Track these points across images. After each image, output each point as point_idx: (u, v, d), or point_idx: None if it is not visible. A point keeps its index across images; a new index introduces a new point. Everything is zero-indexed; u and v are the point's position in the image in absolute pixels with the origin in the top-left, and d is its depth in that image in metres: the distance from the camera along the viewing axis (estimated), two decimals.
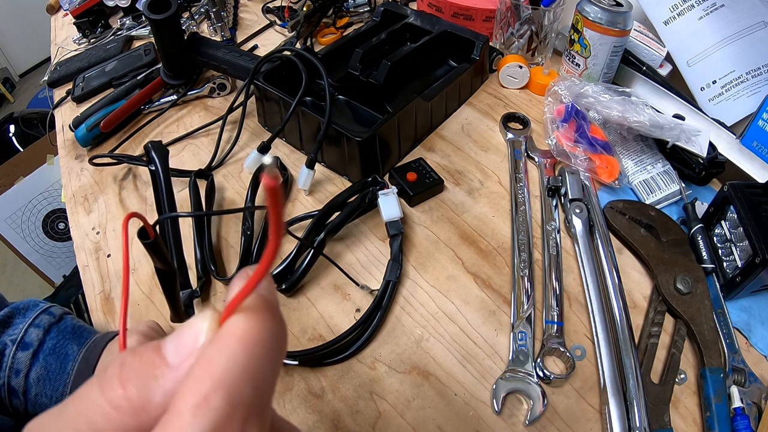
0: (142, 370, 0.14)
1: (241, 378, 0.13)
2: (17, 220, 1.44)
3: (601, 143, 0.58)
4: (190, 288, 0.48)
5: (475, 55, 0.68)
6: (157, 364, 0.14)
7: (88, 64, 0.84)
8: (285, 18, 0.85)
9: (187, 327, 0.15)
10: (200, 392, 0.13)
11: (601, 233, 0.52)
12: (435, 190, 0.57)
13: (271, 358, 0.14)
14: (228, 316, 0.14)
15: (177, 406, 0.13)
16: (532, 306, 0.47)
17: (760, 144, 0.55)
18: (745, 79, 0.62)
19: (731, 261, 0.48)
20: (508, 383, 0.42)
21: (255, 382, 0.13)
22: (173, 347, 0.14)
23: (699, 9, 0.63)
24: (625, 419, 0.39)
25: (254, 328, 0.14)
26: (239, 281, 0.15)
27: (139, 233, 0.25)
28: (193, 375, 0.13)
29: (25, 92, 2.64)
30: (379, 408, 0.42)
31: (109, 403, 0.14)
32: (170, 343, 0.14)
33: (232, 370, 0.13)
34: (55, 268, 1.58)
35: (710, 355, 0.43)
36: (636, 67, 0.66)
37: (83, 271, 0.54)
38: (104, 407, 0.14)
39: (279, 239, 0.13)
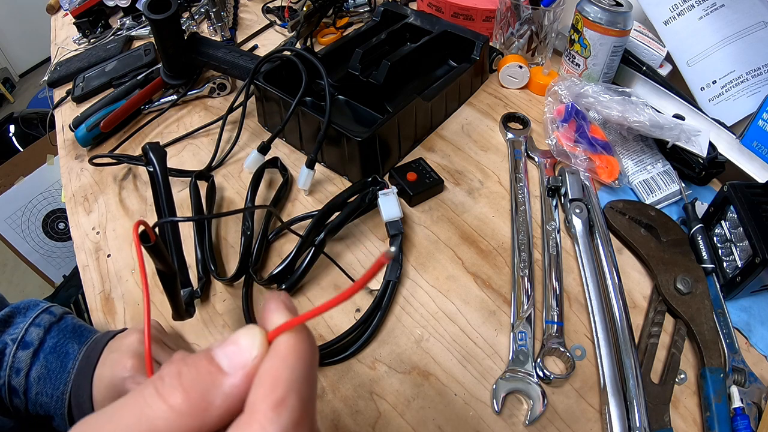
0: (200, 378, 0.16)
1: (305, 383, 0.16)
2: (17, 220, 1.44)
3: (601, 143, 0.58)
4: (190, 286, 0.48)
5: (475, 55, 0.68)
6: (215, 372, 0.16)
7: (88, 64, 0.84)
8: (285, 18, 0.85)
9: (234, 342, 0.17)
10: (277, 395, 0.15)
11: (601, 233, 0.52)
12: (435, 190, 0.57)
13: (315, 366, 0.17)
14: (276, 335, 0.17)
15: (256, 407, 0.15)
16: (532, 306, 0.47)
17: (760, 144, 0.55)
18: (745, 79, 0.62)
19: (731, 261, 0.48)
20: (508, 383, 0.42)
21: (312, 386, 0.16)
22: (226, 358, 0.17)
23: (699, 9, 0.63)
24: (625, 419, 0.39)
25: (303, 343, 0.17)
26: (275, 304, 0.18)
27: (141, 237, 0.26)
28: (264, 383, 0.16)
29: (25, 92, 2.64)
30: (379, 408, 0.42)
31: (171, 409, 0.15)
32: (222, 355, 0.17)
33: (298, 377, 0.16)
34: (55, 268, 1.58)
35: (710, 355, 0.43)
36: (636, 67, 0.66)
37: (83, 271, 0.54)
38: (166, 412, 0.15)
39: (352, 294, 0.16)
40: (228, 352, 0.17)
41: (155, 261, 0.32)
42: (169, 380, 0.16)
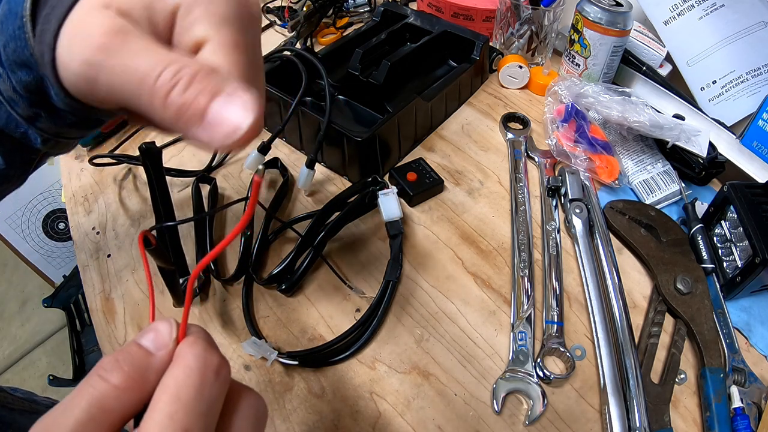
0: (134, 359, 0.19)
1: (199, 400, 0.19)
2: (17, 220, 1.44)
3: (601, 143, 0.58)
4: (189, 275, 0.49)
5: (475, 55, 0.68)
6: (144, 353, 0.20)
7: None
8: (285, 18, 0.85)
9: (154, 329, 0.20)
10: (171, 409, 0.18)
11: (601, 233, 0.52)
12: (435, 190, 0.57)
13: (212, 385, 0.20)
14: (184, 322, 0.20)
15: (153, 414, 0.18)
16: (532, 306, 0.47)
17: (760, 144, 0.55)
18: (745, 79, 0.62)
19: (731, 261, 0.48)
20: (508, 383, 0.42)
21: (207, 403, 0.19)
22: (150, 342, 0.20)
23: (699, 9, 0.63)
24: (625, 419, 0.39)
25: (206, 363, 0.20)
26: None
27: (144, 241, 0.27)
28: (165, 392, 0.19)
29: None
30: (379, 408, 0.42)
31: (116, 387, 0.18)
32: (147, 340, 0.20)
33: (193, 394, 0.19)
34: (55, 268, 1.58)
35: (710, 355, 0.43)
36: (636, 67, 0.66)
37: (83, 271, 0.54)
38: (112, 390, 0.18)
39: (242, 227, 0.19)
40: (150, 337, 0.20)
41: (156, 260, 0.35)
42: (109, 366, 0.19)
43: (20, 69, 0.27)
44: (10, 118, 0.29)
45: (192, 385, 0.19)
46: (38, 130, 0.29)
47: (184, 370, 0.19)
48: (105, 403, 0.18)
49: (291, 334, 0.47)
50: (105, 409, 0.18)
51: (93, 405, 0.18)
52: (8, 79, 0.27)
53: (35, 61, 0.25)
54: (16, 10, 0.25)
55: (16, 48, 0.26)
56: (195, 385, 0.19)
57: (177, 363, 0.20)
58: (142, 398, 0.19)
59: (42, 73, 0.25)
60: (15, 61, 0.26)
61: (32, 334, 1.66)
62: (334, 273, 0.49)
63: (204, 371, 0.20)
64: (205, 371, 0.20)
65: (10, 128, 0.29)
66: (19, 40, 0.25)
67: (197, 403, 0.19)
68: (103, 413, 0.18)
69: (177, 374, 0.19)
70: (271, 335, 0.46)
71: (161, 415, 0.18)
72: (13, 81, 0.27)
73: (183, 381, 0.19)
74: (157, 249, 0.32)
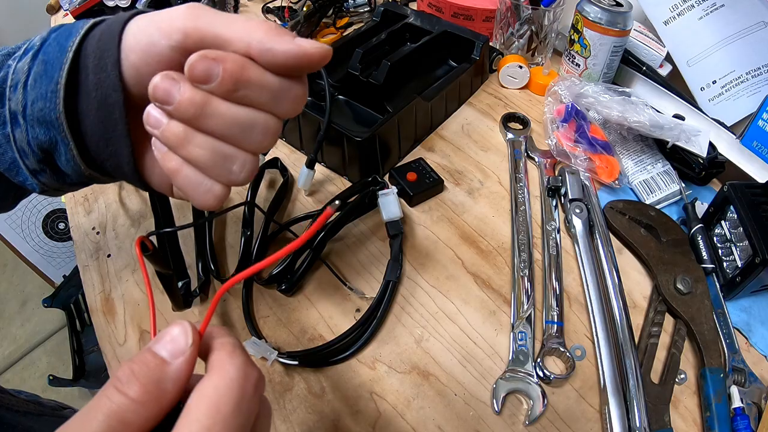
0: (150, 369, 0.19)
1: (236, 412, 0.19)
2: (17, 220, 1.44)
3: (601, 143, 0.58)
4: (188, 278, 0.49)
5: (475, 55, 0.68)
6: (160, 363, 0.19)
7: None
8: (285, 18, 0.85)
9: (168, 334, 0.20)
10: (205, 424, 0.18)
11: (601, 233, 0.52)
12: (435, 190, 0.57)
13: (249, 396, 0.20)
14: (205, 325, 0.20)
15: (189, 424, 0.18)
16: (532, 306, 0.47)
17: (760, 144, 0.55)
18: (745, 79, 0.62)
19: (731, 261, 0.48)
20: (508, 383, 0.42)
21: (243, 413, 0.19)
22: (165, 350, 0.19)
23: (699, 9, 0.63)
24: (625, 419, 0.39)
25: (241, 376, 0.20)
26: None
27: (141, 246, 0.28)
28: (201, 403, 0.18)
29: None
30: (379, 408, 0.42)
31: (133, 400, 0.18)
32: (162, 348, 0.19)
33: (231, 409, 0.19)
34: (55, 268, 1.58)
35: (710, 355, 0.43)
36: (636, 67, 0.66)
37: (83, 271, 0.54)
38: (130, 404, 0.18)
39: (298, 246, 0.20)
40: (166, 345, 0.20)
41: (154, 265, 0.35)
42: (125, 378, 0.18)
43: (40, 126, 0.29)
44: (14, 165, 0.31)
45: (233, 399, 0.19)
46: (39, 182, 0.31)
47: (225, 381, 0.19)
48: (123, 417, 0.18)
49: (291, 334, 0.47)
50: (124, 422, 0.18)
51: (112, 418, 0.17)
52: (26, 133, 0.29)
53: (58, 124, 0.28)
54: (52, 74, 0.28)
55: (44, 107, 0.28)
56: (236, 398, 0.19)
57: (217, 373, 0.19)
58: (160, 410, 0.19)
59: (58, 138, 0.29)
60: (38, 118, 0.29)
61: (32, 334, 1.66)
62: (334, 274, 0.49)
63: (245, 385, 0.19)
64: (246, 385, 0.19)
65: (11, 174, 0.31)
66: (50, 102, 0.28)
67: (236, 417, 0.18)
68: (122, 426, 0.18)
69: (218, 384, 0.19)
70: (271, 335, 0.46)
71: (198, 427, 0.18)
72: (30, 135, 0.29)
73: (224, 393, 0.19)
74: (155, 254, 0.32)
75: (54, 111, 0.28)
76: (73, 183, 0.32)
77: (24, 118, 0.29)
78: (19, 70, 0.29)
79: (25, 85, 0.29)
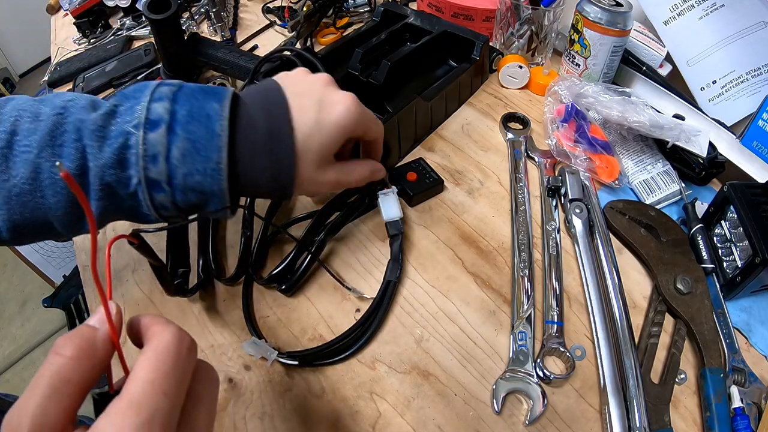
0: (81, 334, 0.22)
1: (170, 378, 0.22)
2: None
3: (601, 143, 0.58)
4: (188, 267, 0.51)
5: (475, 55, 0.68)
6: (90, 328, 0.23)
7: (88, 64, 0.84)
8: (285, 18, 0.85)
9: (97, 311, 0.23)
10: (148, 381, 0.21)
11: (601, 233, 0.52)
12: (435, 190, 0.57)
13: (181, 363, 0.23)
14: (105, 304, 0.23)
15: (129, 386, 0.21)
16: (532, 306, 0.47)
17: (760, 144, 0.55)
18: (745, 79, 0.62)
19: (731, 261, 0.48)
20: (508, 383, 0.42)
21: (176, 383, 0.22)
22: (94, 320, 0.23)
23: (699, 9, 0.63)
24: (625, 419, 0.39)
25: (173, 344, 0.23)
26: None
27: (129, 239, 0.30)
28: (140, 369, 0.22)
29: (25, 92, 2.63)
30: (379, 408, 0.42)
31: (69, 358, 0.21)
32: (91, 320, 0.23)
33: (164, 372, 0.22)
34: (55, 268, 1.58)
35: (710, 355, 0.43)
36: (636, 67, 0.66)
37: (83, 271, 0.54)
38: (66, 360, 0.21)
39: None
40: (94, 318, 0.23)
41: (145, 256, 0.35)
42: (62, 342, 0.22)
43: (193, 193, 0.34)
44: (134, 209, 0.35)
45: (171, 356, 0.22)
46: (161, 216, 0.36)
47: (162, 344, 0.22)
48: (63, 374, 0.20)
49: (291, 334, 0.47)
50: (64, 379, 0.20)
51: (54, 377, 0.20)
52: (171, 196, 0.34)
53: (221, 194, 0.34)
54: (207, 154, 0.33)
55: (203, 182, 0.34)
56: (173, 356, 0.22)
57: (155, 338, 0.23)
58: (95, 365, 0.22)
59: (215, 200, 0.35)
60: (193, 188, 0.34)
61: (32, 334, 1.66)
62: (332, 276, 0.49)
63: (179, 346, 0.23)
64: (180, 346, 0.23)
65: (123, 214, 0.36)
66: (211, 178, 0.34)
67: (174, 371, 0.22)
68: (63, 383, 0.20)
69: (157, 346, 0.22)
70: (271, 335, 0.46)
71: (143, 381, 0.21)
72: (178, 198, 0.34)
73: (161, 352, 0.22)
74: (142, 246, 0.32)
75: (217, 186, 0.34)
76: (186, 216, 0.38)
77: (171, 186, 0.34)
78: (156, 143, 0.33)
79: (168, 158, 0.33)
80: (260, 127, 0.36)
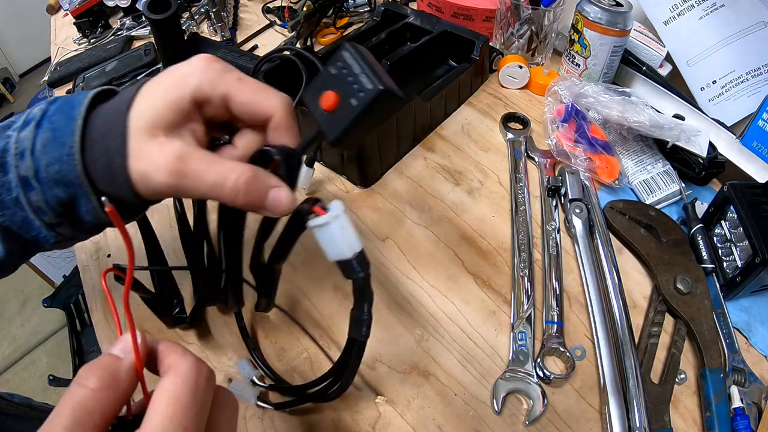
0: (105, 365, 0.22)
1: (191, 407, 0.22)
2: None
3: (601, 143, 0.58)
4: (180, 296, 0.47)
5: (475, 55, 0.68)
6: (114, 359, 0.22)
7: (88, 64, 0.84)
8: (285, 18, 0.85)
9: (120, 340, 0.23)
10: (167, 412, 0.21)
11: (601, 233, 0.52)
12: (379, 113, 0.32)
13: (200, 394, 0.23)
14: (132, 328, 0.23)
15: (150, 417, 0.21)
16: (532, 306, 0.47)
17: (760, 144, 0.55)
18: (745, 79, 0.62)
19: (731, 261, 0.48)
20: (508, 383, 0.42)
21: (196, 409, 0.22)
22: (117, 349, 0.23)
23: (699, 9, 0.63)
24: (625, 419, 0.39)
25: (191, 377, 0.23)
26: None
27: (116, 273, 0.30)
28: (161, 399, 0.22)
29: (25, 92, 2.64)
30: (379, 408, 0.42)
31: (93, 390, 0.21)
32: (114, 349, 0.23)
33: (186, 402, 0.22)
34: (55, 268, 1.58)
35: (710, 355, 0.43)
36: (636, 67, 0.66)
37: (83, 271, 0.54)
38: (90, 393, 0.20)
39: None
40: (117, 347, 0.23)
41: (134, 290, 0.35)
42: (85, 373, 0.21)
43: (57, 186, 0.31)
44: (26, 221, 0.32)
45: (189, 389, 0.22)
46: (56, 233, 0.33)
47: (180, 376, 0.22)
48: (86, 405, 0.20)
49: (291, 334, 0.46)
50: (87, 410, 0.20)
51: (76, 409, 0.20)
52: (42, 193, 0.31)
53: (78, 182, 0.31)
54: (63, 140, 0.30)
55: (61, 170, 0.30)
56: (191, 389, 0.22)
57: (173, 371, 0.22)
58: (118, 396, 0.21)
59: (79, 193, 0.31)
60: (55, 179, 0.31)
61: (32, 334, 1.66)
62: (296, 323, 0.45)
63: (197, 377, 0.23)
64: (198, 378, 0.23)
65: (23, 230, 0.33)
66: (67, 164, 0.30)
67: (194, 404, 0.22)
68: (86, 415, 0.20)
69: (175, 380, 0.22)
70: (271, 335, 0.46)
71: (162, 416, 0.21)
72: (47, 195, 0.31)
73: (180, 386, 0.22)
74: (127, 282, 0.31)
75: (73, 172, 0.30)
76: (89, 230, 0.34)
77: (38, 181, 0.31)
78: (25, 139, 0.31)
79: (33, 151, 0.31)
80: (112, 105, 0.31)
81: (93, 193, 0.31)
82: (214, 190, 0.29)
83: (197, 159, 0.29)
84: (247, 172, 0.29)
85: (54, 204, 0.32)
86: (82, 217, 0.33)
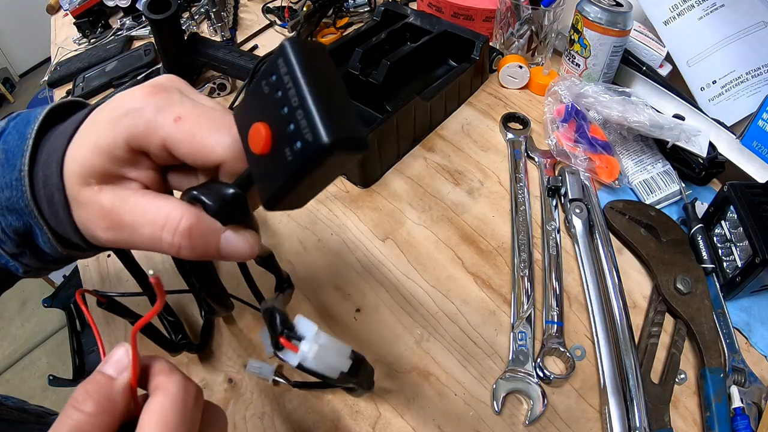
0: (100, 387, 0.22)
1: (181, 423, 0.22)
2: None
3: (601, 143, 0.58)
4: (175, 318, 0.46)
5: (475, 55, 0.68)
6: (108, 380, 0.22)
7: (88, 64, 0.84)
8: (285, 18, 0.85)
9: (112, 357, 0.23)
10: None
11: (601, 233, 0.52)
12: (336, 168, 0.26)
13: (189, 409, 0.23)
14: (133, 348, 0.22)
15: None
16: (532, 306, 0.47)
17: (760, 144, 0.55)
18: (745, 79, 0.62)
19: (731, 261, 0.48)
20: (508, 383, 0.42)
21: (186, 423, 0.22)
22: (111, 369, 0.22)
23: (699, 9, 0.63)
24: (625, 419, 0.39)
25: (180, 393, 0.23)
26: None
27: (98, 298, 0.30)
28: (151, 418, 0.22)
29: (25, 92, 2.64)
30: (379, 408, 0.42)
31: (89, 414, 0.21)
32: (108, 368, 0.22)
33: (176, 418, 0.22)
34: None
35: (710, 355, 0.43)
36: (636, 67, 0.66)
37: (83, 271, 0.54)
38: (86, 417, 0.20)
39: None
40: (110, 365, 0.22)
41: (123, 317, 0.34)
42: (81, 397, 0.21)
43: (11, 214, 0.28)
44: None
45: (177, 410, 0.22)
46: (21, 264, 0.31)
47: (168, 397, 0.22)
48: (83, 430, 0.20)
49: None
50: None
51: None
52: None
53: (28, 211, 0.28)
54: (13, 162, 0.27)
55: (11, 196, 0.28)
56: (180, 409, 0.22)
57: (161, 391, 0.22)
58: (113, 419, 0.21)
59: (32, 222, 0.28)
60: (7, 207, 0.28)
61: (32, 334, 1.66)
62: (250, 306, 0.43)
63: (186, 397, 0.22)
64: (186, 397, 0.22)
65: None
66: (16, 190, 0.27)
67: (182, 425, 0.22)
68: None
69: (163, 401, 0.22)
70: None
71: None
72: (3, 223, 0.29)
73: (168, 407, 0.22)
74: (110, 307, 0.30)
75: (22, 199, 0.27)
76: (56, 261, 0.31)
77: None
78: None
79: None
80: (62, 129, 0.28)
81: (45, 224, 0.27)
82: (154, 245, 0.24)
83: (130, 209, 0.25)
84: (188, 219, 0.24)
85: (10, 233, 0.29)
86: (43, 248, 0.29)
